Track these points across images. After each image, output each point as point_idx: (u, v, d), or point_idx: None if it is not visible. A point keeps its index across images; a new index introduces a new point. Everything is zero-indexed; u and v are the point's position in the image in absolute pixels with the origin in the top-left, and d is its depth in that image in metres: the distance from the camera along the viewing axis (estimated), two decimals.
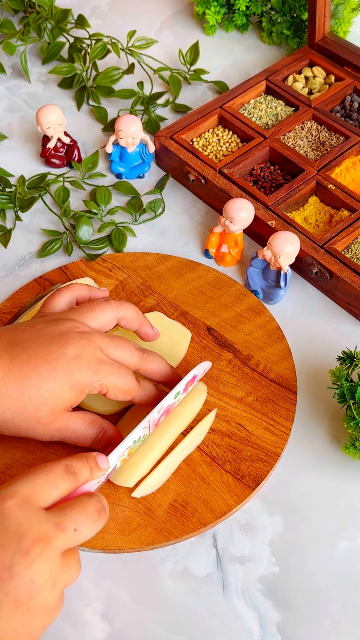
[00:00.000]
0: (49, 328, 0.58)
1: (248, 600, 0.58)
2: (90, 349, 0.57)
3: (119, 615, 0.57)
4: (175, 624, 0.57)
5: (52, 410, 0.56)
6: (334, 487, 0.63)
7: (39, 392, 0.55)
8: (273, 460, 0.63)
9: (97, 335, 0.58)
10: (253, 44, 1.02)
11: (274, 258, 0.71)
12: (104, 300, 0.62)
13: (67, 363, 0.56)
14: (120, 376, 0.58)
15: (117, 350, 0.59)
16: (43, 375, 0.55)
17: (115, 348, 0.59)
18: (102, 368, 0.57)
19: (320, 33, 0.92)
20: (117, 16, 1.06)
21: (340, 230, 0.75)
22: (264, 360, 0.69)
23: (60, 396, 0.56)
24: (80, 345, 0.57)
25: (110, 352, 0.59)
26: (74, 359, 0.56)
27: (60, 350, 0.56)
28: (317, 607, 0.57)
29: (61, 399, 0.56)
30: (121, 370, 0.58)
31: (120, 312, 0.62)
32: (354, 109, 0.88)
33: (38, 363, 0.55)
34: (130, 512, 0.61)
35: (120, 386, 0.58)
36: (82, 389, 0.57)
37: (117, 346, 0.59)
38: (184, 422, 0.64)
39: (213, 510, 0.61)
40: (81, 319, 0.60)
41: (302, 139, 0.85)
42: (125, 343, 0.60)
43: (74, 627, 0.57)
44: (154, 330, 0.65)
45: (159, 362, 0.62)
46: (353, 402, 0.61)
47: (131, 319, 0.63)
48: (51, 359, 0.56)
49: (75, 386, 0.56)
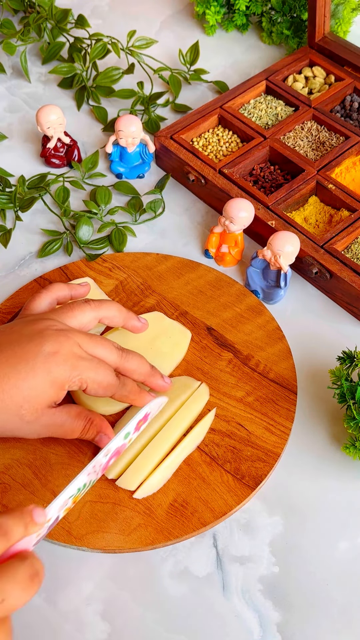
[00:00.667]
0: (26, 328, 0.58)
1: (248, 601, 0.58)
2: (67, 345, 0.57)
3: (119, 615, 0.57)
4: (175, 624, 0.57)
5: (34, 407, 0.57)
6: (334, 487, 0.63)
7: (19, 391, 0.56)
8: (273, 460, 0.63)
9: (75, 332, 0.59)
10: (253, 44, 1.02)
11: (274, 258, 0.71)
12: (84, 301, 0.62)
13: (44, 360, 0.56)
14: (99, 371, 0.58)
15: (96, 348, 0.59)
16: (21, 373, 0.56)
17: (94, 345, 0.59)
18: (80, 363, 0.57)
19: (320, 33, 0.92)
20: (117, 16, 1.06)
21: (340, 230, 0.75)
22: (264, 360, 0.69)
23: (41, 393, 0.56)
24: (58, 342, 0.57)
25: (89, 349, 0.59)
26: (52, 355, 0.56)
27: (38, 347, 0.56)
28: (317, 607, 0.57)
29: (42, 395, 0.57)
30: (100, 366, 0.58)
31: (101, 312, 0.62)
32: (354, 109, 0.88)
33: (16, 362, 0.56)
34: (130, 512, 0.61)
35: (100, 381, 0.58)
36: (61, 385, 0.57)
37: (96, 343, 0.59)
38: (186, 425, 0.64)
39: (213, 510, 0.61)
40: (60, 319, 0.60)
41: (302, 139, 0.85)
42: (104, 341, 0.60)
43: (74, 627, 0.57)
44: (141, 320, 0.66)
45: (138, 360, 0.62)
46: (353, 402, 0.61)
47: (113, 316, 0.63)
48: (29, 357, 0.56)
49: (55, 382, 0.57)
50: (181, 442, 0.63)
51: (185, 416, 0.64)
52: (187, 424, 0.64)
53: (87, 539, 0.59)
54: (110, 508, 0.61)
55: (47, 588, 0.59)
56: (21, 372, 0.56)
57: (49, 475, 0.63)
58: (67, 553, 0.60)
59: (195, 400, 0.66)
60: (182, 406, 0.65)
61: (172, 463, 0.62)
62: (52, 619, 0.57)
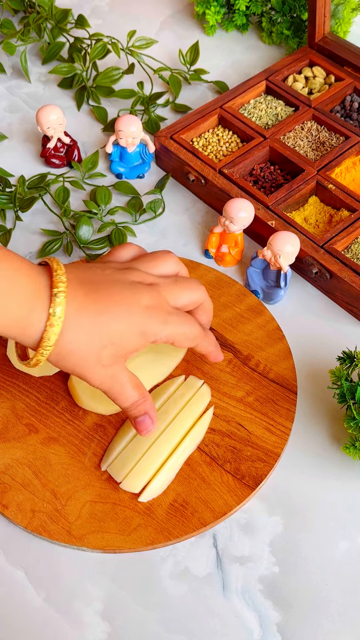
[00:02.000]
0: (118, 275, 0.59)
1: (248, 601, 0.58)
2: (160, 301, 0.58)
3: (119, 615, 0.57)
4: (175, 624, 0.57)
5: (116, 352, 0.56)
6: (334, 487, 0.63)
7: (109, 331, 0.56)
8: (273, 460, 0.63)
9: (164, 287, 0.60)
10: (253, 44, 1.02)
11: (274, 258, 0.71)
12: (167, 252, 0.63)
13: (141, 311, 0.57)
14: (187, 325, 0.59)
15: (180, 298, 0.60)
16: (118, 316, 0.56)
17: (178, 296, 0.60)
18: (170, 319, 0.58)
19: (320, 33, 0.92)
20: (117, 16, 1.06)
21: (340, 230, 0.75)
22: (264, 360, 0.69)
23: (128, 340, 0.56)
24: (152, 297, 0.58)
25: (174, 301, 0.60)
26: (147, 308, 0.57)
27: (135, 297, 0.57)
28: (317, 607, 0.57)
29: (128, 342, 0.57)
30: (187, 319, 0.60)
31: (182, 269, 0.63)
32: (354, 109, 0.88)
33: (113, 304, 0.56)
34: (130, 512, 0.61)
35: (188, 334, 0.60)
36: (149, 338, 0.57)
37: (180, 293, 0.60)
38: (188, 426, 0.64)
39: (213, 510, 0.61)
40: (144, 268, 0.61)
41: (302, 139, 0.85)
42: (184, 291, 0.61)
43: (74, 627, 0.57)
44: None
45: (209, 312, 0.65)
46: (353, 402, 0.61)
47: (186, 274, 0.64)
48: (125, 303, 0.56)
49: (144, 334, 0.57)
50: (182, 442, 0.63)
51: (187, 417, 0.64)
52: (189, 425, 0.64)
53: (87, 539, 0.59)
54: (110, 508, 0.61)
55: (47, 588, 0.59)
56: (117, 315, 0.56)
57: (49, 475, 0.63)
58: (67, 553, 0.60)
59: (197, 401, 0.66)
60: (184, 407, 0.65)
61: (175, 464, 0.62)
62: (52, 619, 0.57)
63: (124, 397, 0.58)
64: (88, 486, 0.62)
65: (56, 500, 0.61)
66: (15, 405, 0.67)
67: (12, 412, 0.67)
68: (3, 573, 0.59)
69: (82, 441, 0.65)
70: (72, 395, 0.67)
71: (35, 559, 0.60)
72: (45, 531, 0.60)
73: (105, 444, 0.65)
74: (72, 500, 0.61)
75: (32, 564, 0.60)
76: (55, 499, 0.61)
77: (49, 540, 0.60)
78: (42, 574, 0.59)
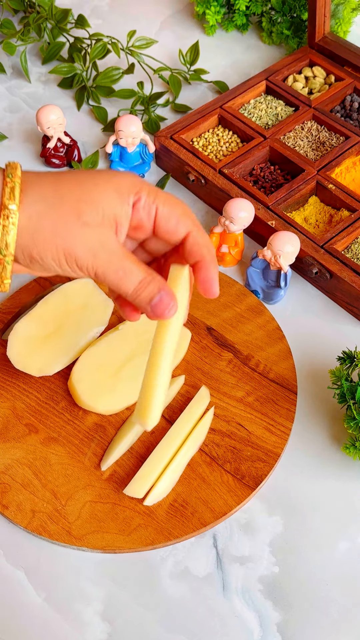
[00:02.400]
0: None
1: (248, 601, 0.58)
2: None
3: (119, 615, 0.57)
4: (175, 624, 0.57)
5: (95, 207, 0.48)
6: (334, 487, 0.63)
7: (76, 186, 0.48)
8: (273, 461, 0.63)
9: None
10: (253, 44, 1.02)
11: (274, 258, 0.71)
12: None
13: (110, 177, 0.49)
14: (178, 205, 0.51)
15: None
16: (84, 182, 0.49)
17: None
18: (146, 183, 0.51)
19: (320, 33, 0.92)
20: (117, 16, 1.06)
21: (340, 230, 0.75)
22: (264, 360, 0.69)
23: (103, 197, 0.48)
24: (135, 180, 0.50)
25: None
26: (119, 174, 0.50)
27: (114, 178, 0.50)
28: (317, 607, 0.57)
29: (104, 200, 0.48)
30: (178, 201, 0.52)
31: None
32: (354, 109, 0.88)
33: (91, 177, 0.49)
34: (131, 512, 0.61)
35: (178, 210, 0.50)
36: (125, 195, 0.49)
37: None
38: (189, 428, 0.64)
39: (213, 510, 0.61)
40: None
41: (302, 139, 0.85)
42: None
43: (74, 627, 0.57)
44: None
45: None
46: (353, 402, 0.61)
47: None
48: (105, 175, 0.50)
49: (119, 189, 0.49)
50: (184, 444, 0.63)
51: (187, 420, 0.64)
52: (190, 427, 0.64)
53: (87, 539, 0.59)
54: (110, 508, 0.61)
55: (47, 588, 0.59)
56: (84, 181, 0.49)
57: (49, 476, 0.63)
58: (67, 553, 0.60)
59: (196, 404, 0.66)
60: (185, 410, 0.65)
61: (178, 466, 0.62)
62: (51, 619, 0.57)
63: (124, 276, 0.48)
64: (88, 486, 0.62)
65: (56, 501, 0.61)
66: (15, 406, 0.67)
67: (12, 412, 0.67)
68: (3, 573, 0.59)
69: (82, 441, 0.65)
70: (72, 395, 0.67)
71: (35, 559, 0.60)
72: (45, 531, 0.60)
73: (105, 444, 0.65)
74: (72, 500, 0.61)
75: (32, 564, 0.60)
76: (55, 499, 0.61)
77: (49, 540, 0.60)
78: (42, 574, 0.59)
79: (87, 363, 0.67)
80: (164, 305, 0.49)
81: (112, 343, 0.69)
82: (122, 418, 0.66)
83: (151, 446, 0.64)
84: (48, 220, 0.47)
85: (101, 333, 0.71)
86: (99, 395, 0.66)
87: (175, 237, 0.51)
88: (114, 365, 0.67)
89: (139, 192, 0.49)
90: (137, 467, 0.63)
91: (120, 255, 0.48)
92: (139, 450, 0.64)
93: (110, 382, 0.66)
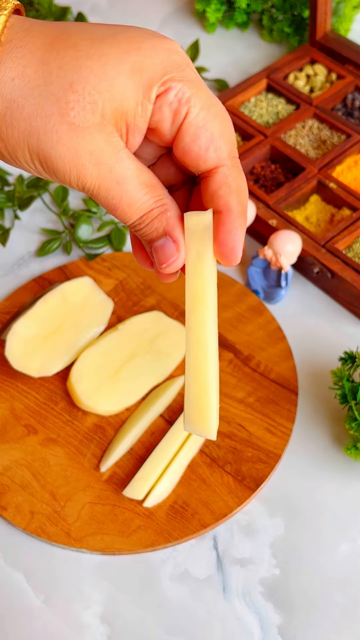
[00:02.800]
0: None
1: (249, 603, 0.57)
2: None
3: (118, 617, 0.57)
4: (175, 626, 0.56)
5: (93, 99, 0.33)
6: (336, 489, 0.63)
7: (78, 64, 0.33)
8: (274, 462, 0.63)
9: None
10: (254, 42, 1.02)
11: (275, 257, 0.71)
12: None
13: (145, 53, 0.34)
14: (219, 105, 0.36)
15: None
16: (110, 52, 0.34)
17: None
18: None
19: (322, 31, 0.92)
20: (117, 14, 1.06)
21: (341, 229, 0.74)
22: (265, 361, 0.69)
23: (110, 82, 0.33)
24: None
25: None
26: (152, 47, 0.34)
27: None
28: (319, 609, 0.57)
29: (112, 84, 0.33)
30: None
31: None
32: (356, 107, 0.88)
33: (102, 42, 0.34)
34: (130, 514, 0.60)
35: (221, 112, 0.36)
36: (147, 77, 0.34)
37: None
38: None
39: (213, 511, 0.60)
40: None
41: (303, 138, 0.85)
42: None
43: (73, 629, 0.56)
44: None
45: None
46: (355, 402, 0.61)
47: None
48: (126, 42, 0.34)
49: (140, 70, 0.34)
50: (184, 445, 0.63)
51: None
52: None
53: (87, 541, 0.59)
54: (109, 510, 0.60)
55: (46, 590, 0.58)
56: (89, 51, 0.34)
57: (48, 477, 0.62)
58: (67, 555, 0.60)
59: None
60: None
61: (179, 467, 0.62)
62: (51, 622, 0.57)
63: (127, 202, 0.36)
64: (87, 487, 0.62)
65: (55, 502, 0.61)
66: (14, 406, 0.66)
67: (11, 412, 0.66)
68: (2, 575, 0.59)
69: (81, 442, 0.64)
70: (71, 396, 0.67)
71: (34, 561, 0.59)
72: (44, 533, 0.60)
73: (104, 445, 0.64)
74: (71, 501, 0.61)
75: (31, 566, 0.59)
76: (54, 501, 0.61)
77: (48, 542, 0.60)
78: (41, 576, 0.59)
79: (87, 363, 0.67)
80: (166, 254, 0.37)
81: (112, 343, 0.68)
82: (121, 419, 0.66)
83: (151, 447, 0.64)
84: (23, 111, 0.33)
85: (100, 333, 0.70)
86: (99, 396, 0.65)
87: (198, 164, 0.36)
88: (113, 365, 0.67)
89: (169, 81, 0.34)
90: (137, 468, 0.62)
91: (122, 174, 0.34)
92: (139, 451, 0.64)
93: (109, 383, 0.66)
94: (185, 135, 0.35)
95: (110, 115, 0.34)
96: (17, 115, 0.33)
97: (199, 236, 0.37)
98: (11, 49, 0.33)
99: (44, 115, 0.33)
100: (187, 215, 0.37)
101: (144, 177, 0.35)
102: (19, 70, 0.33)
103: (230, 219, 0.36)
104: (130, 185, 0.35)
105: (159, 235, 0.37)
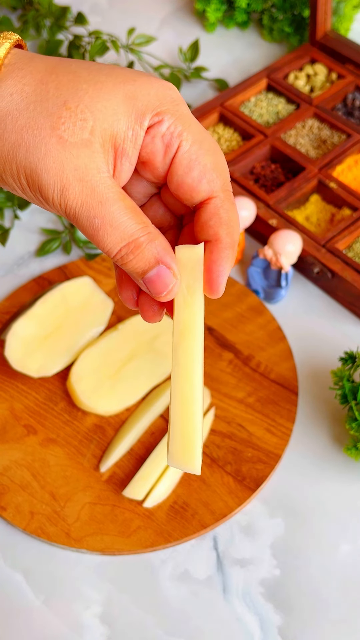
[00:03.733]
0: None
1: (249, 603, 0.57)
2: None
3: (118, 618, 0.57)
4: (175, 627, 0.56)
5: (84, 118, 0.34)
6: (336, 489, 0.62)
7: (71, 85, 0.35)
8: (274, 462, 0.63)
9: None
10: (254, 42, 1.02)
11: (275, 257, 0.71)
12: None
13: (141, 85, 0.35)
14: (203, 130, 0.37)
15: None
16: (107, 79, 0.35)
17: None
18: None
19: (322, 30, 0.92)
20: (117, 13, 1.05)
21: (342, 229, 0.74)
22: (265, 361, 0.69)
23: (106, 100, 0.34)
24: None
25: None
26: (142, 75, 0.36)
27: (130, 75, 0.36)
28: (319, 610, 0.57)
29: (105, 106, 0.34)
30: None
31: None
32: (356, 107, 0.87)
33: (99, 72, 0.36)
34: (130, 514, 0.60)
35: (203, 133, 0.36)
36: (140, 110, 0.35)
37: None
38: None
39: (213, 512, 0.60)
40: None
41: (303, 137, 0.85)
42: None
43: (73, 629, 0.56)
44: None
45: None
46: (355, 402, 0.61)
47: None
48: (122, 75, 0.36)
49: (133, 97, 0.35)
50: None
51: None
52: None
53: (86, 541, 0.59)
54: (109, 510, 0.60)
55: (45, 591, 0.58)
56: (86, 76, 0.35)
57: (47, 477, 0.62)
58: (66, 555, 0.60)
59: None
60: None
61: None
62: (50, 622, 0.57)
63: (107, 229, 0.34)
64: (87, 488, 0.62)
65: (55, 502, 0.61)
66: (14, 406, 0.66)
67: (11, 413, 0.66)
68: (1, 575, 0.59)
69: (81, 442, 0.64)
70: (70, 396, 0.66)
71: (34, 562, 0.59)
72: (44, 533, 0.59)
73: (104, 445, 0.64)
74: (71, 502, 0.61)
75: (31, 566, 0.59)
76: (54, 501, 0.61)
77: (47, 542, 0.60)
78: (40, 577, 0.59)
79: (86, 363, 0.67)
80: (161, 283, 0.35)
81: (112, 343, 0.68)
82: (121, 419, 0.65)
83: (151, 447, 0.64)
84: (16, 124, 0.34)
85: (100, 333, 0.70)
86: (98, 396, 0.65)
87: (192, 196, 0.36)
88: (113, 365, 0.67)
89: (162, 113, 0.35)
90: (137, 468, 0.62)
91: (105, 194, 0.34)
92: (139, 452, 0.64)
93: (109, 383, 0.66)
94: (178, 168, 0.36)
95: (99, 134, 0.34)
96: (10, 128, 0.34)
97: (190, 269, 0.36)
98: (13, 70, 0.35)
99: (35, 128, 0.34)
100: (179, 248, 0.37)
101: (127, 202, 0.35)
102: (19, 87, 0.34)
103: (217, 248, 0.37)
104: (114, 207, 0.34)
105: (151, 265, 0.35)
